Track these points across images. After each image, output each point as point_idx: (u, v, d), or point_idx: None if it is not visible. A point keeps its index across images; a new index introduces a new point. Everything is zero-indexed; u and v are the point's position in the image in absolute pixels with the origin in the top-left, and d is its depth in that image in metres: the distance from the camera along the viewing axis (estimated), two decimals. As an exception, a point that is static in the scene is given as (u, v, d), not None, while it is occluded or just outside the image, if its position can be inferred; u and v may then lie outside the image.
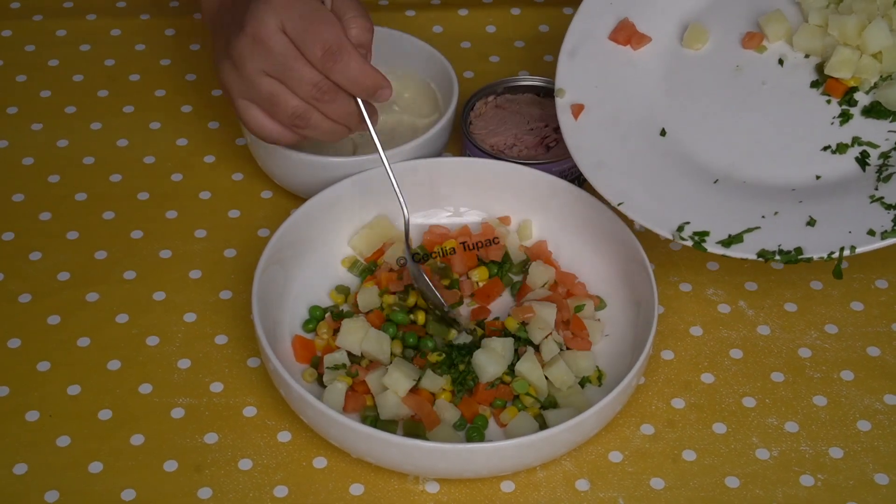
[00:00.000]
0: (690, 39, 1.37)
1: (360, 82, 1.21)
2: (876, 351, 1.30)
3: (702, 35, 1.37)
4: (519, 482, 1.21)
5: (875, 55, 1.31)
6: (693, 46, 1.37)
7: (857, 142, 1.29)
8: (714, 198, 1.27)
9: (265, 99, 1.23)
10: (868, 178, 1.27)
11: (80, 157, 1.44)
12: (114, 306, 1.32)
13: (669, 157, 1.31)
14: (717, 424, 1.24)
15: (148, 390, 1.26)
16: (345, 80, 1.21)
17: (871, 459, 1.22)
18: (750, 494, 1.20)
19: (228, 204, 1.40)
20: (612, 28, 1.37)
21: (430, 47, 1.43)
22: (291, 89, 1.21)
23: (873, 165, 1.27)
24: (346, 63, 1.20)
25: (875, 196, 1.24)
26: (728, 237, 1.24)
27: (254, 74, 1.22)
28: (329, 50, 1.19)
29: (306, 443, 1.23)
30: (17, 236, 1.37)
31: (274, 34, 1.19)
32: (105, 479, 1.20)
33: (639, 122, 1.33)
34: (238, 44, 1.21)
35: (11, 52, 1.55)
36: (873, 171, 1.27)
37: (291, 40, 1.20)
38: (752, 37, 1.36)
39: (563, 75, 1.35)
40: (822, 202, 1.25)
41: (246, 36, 1.20)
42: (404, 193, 1.30)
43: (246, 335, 1.30)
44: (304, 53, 1.20)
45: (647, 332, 1.22)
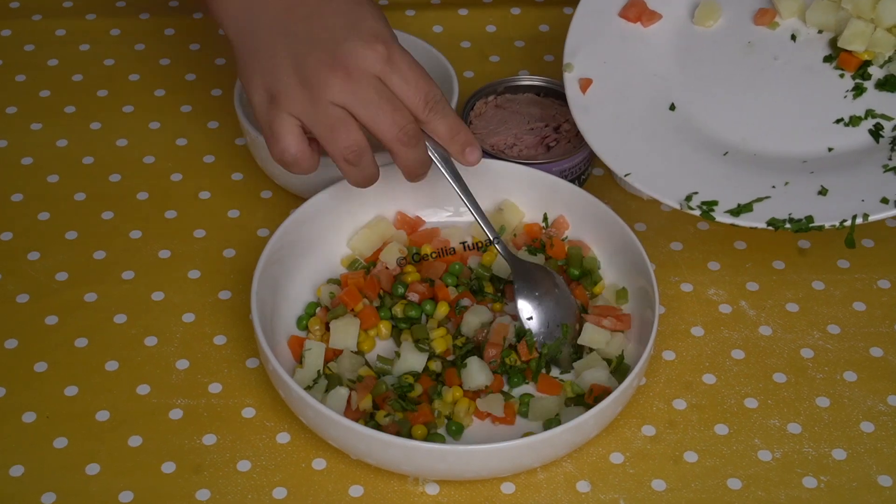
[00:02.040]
0: (702, 16, 1.37)
1: (457, 135, 1.23)
2: (879, 352, 1.29)
3: (713, 12, 1.37)
4: (519, 483, 1.20)
5: (890, 29, 1.31)
6: (705, 24, 1.37)
7: (871, 114, 1.29)
8: (723, 169, 1.27)
9: (328, 125, 1.21)
10: (882, 150, 1.26)
11: (80, 157, 1.44)
12: (112, 306, 1.31)
13: (679, 131, 1.31)
14: (718, 425, 1.24)
15: (146, 391, 1.25)
16: (444, 129, 1.22)
17: (874, 461, 1.22)
18: (752, 496, 1.20)
19: (228, 204, 1.40)
20: (623, 5, 1.37)
21: (430, 47, 1.43)
22: (377, 127, 1.20)
23: (887, 137, 1.27)
24: (446, 114, 1.22)
25: (889, 166, 1.24)
26: (737, 206, 1.23)
27: (328, 102, 1.20)
28: (430, 98, 1.21)
29: (305, 444, 1.22)
30: (15, 236, 1.37)
31: (372, 78, 1.19)
32: (103, 480, 1.20)
33: (648, 97, 1.33)
34: (323, 72, 1.19)
35: (11, 51, 1.55)
36: (887, 142, 1.27)
37: (388, 87, 1.21)
38: (764, 13, 1.36)
39: (571, 50, 1.35)
40: (834, 173, 1.25)
41: (338, 68, 1.19)
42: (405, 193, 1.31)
43: (245, 335, 1.29)
44: (404, 100, 1.21)
45: (648, 333, 1.22)
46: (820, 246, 1.37)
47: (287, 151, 1.21)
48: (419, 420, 1.21)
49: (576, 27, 1.36)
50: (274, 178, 1.39)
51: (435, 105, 1.21)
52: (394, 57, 1.20)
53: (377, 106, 1.20)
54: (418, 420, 1.21)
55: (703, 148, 1.30)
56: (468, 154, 1.24)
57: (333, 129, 1.20)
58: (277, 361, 1.19)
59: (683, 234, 1.38)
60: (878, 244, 1.37)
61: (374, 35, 1.20)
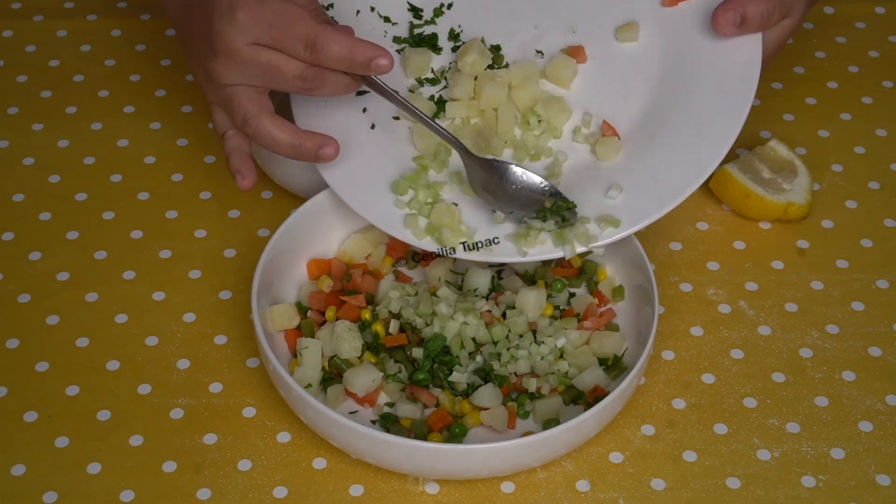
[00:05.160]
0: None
1: (349, 60, 1.21)
2: (877, 351, 1.29)
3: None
4: (519, 483, 1.21)
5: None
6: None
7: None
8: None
9: (224, 102, 1.25)
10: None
11: (81, 157, 1.44)
12: (113, 306, 1.32)
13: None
14: (717, 425, 1.24)
15: (147, 391, 1.26)
16: (333, 63, 1.21)
17: (872, 460, 1.22)
18: (751, 495, 1.20)
19: (228, 204, 1.40)
20: None
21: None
22: (279, 88, 1.23)
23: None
24: (329, 48, 1.20)
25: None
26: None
27: (224, 86, 1.23)
28: (308, 41, 1.20)
29: (306, 443, 1.22)
30: (16, 236, 1.37)
31: (246, 50, 1.21)
32: (104, 479, 1.20)
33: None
34: (212, 64, 1.22)
35: (12, 52, 1.55)
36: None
37: (269, 47, 1.21)
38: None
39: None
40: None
41: (219, 57, 1.22)
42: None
43: (245, 335, 1.29)
44: (288, 53, 1.21)
45: (648, 333, 1.22)
46: (819, 246, 1.37)
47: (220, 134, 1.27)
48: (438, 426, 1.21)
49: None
50: (274, 178, 1.39)
51: (315, 43, 1.20)
52: (258, 17, 1.20)
53: (265, 71, 1.21)
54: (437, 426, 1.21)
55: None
56: (375, 65, 1.21)
57: (227, 107, 1.24)
58: (278, 361, 1.19)
59: (683, 234, 1.38)
60: (877, 244, 1.38)
61: (232, 4, 1.20)
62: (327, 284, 1.29)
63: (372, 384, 1.23)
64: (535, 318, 1.26)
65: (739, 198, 1.37)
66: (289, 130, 1.24)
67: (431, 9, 1.38)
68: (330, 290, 1.29)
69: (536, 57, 1.35)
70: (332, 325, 1.26)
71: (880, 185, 1.43)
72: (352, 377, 1.22)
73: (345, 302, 1.28)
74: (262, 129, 1.23)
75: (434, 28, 1.37)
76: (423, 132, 1.30)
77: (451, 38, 1.37)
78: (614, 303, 1.30)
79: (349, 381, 1.22)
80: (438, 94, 1.34)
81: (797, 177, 1.39)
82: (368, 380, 1.22)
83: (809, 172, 1.40)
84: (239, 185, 1.26)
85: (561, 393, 1.23)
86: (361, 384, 1.22)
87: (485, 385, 1.23)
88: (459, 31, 1.37)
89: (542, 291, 1.27)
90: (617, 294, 1.30)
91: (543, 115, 1.31)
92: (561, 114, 1.31)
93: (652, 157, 1.28)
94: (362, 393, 1.23)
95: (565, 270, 1.31)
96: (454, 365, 1.24)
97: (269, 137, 1.24)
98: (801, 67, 1.53)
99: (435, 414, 1.22)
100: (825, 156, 1.45)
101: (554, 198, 1.25)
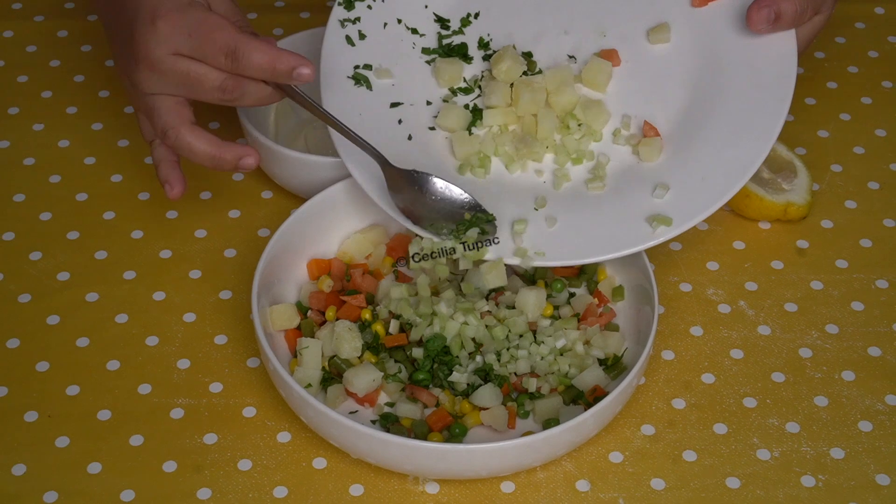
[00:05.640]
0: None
1: (271, 69, 1.20)
2: (877, 351, 1.29)
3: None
4: (519, 483, 1.21)
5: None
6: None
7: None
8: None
9: (146, 112, 1.24)
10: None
11: (81, 158, 1.44)
12: (113, 306, 1.32)
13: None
14: (717, 425, 1.24)
15: (147, 390, 1.26)
16: (254, 72, 1.20)
17: (872, 460, 1.22)
18: (751, 495, 1.20)
19: (228, 204, 1.40)
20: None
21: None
22: (199, 98, 1.23)
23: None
24: (250, 57, 1.20)
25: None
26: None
27: (147, 95, 1.23)
28: (229, 51, 1.19)
29: (306, 443, 1.23)
30: (17, 236, 1.37)
31: (166, 60, 1.20)
32: (104, 479, 1.20)
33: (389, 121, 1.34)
34: (135, 73, 1.22)
35: (13, 52, 1.55)
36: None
37: (190, 57, 1.21)
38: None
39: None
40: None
41: (140, 66, 1.21)
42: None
43: (246, 335, 1.30)
44: (209, 63, 1.21)
45: (648, 333, 1.22)
46: (819, 246, 1.38)
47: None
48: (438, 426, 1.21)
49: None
50: (274, 178, 1.39)
51: (236, 51, 1.19)
52: (178, 27, 1.20)
53: (185, 81, 1.21)
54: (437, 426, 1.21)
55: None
56: (297, 74, 1.20)
57: (149, 117, 1.24)
58: (278, 361, 1.19)
59: (682, 234, 1.38)
60: (877, 244, 1.38)
61: (153, 13, 1.20)
62: (327, 284, 1.29)
63: (372, 384, 1.23)
64: (535, 318, 1.26)
65: (739, 198, 1.37)
66: (208, 142, 1.23)
67: (458, 19, 1.38)
68: (330, 290, 1.29)
69: (569, 62, 1.35)
70: (333, 325, 1.26)
71: (880, 185, 1.43)
72: (352, 377, 1.23)
73: (345, 302, 1.28)
74: (181, 140, 1.23)
75: (462, 38, 1.37)
76: (463, 140, 1.31)
77: (480, 47, 1.37)
78: (614, 303, 1.30)
79: (349, 381, 1.23)
80: (473, 102, 1.34)
81: (797, 177, 1.39)
82: (368, 380, 1.23)
83: (809, 172, 1.40)
84: (168, 194, 1.26)
85: (561, 393, 1.23)
86: (361, 384, 1.22)
87: (485, 385, 1.23)
88: (489, 40, 1.37)
89: (541, 291, 1.27)
90: (617, 294, 1.30)
91: (582, 118, 1.32)
92: (600, 116, 1.32)
93: (695, 155, 1.28)
94: (362, 393, 1.23)
95: (565, 270, 1.31)
96: (454, 365, 1.24)
97: (188, 148, 1.23)
98: (801, 68, 1.53)
99: (435, 414, 1.22)
100: (825, 156, 1.45)
101: (474, 210, 1.25)
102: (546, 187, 1.30)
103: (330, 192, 1.32)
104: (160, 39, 1.20)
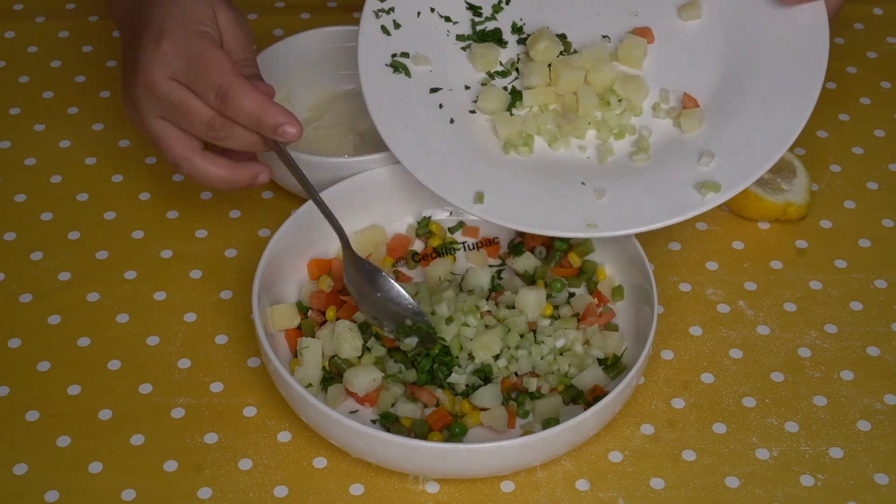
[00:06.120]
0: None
1: (256, 120, 1.20)
2: (876, 351, 1.30)
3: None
4: (519, 482, 1.21)
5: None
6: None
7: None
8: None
9: (154, 141, 1.24)
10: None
11: (82, 158, 1.45)
12: (114, 306, 1.32)
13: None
14: (716, 424, 1.24)
15: (148, 390, 1.26)
16: (241, 118, 1.20)
17: (870, 459, 1.22)
18: (750, 494, 1.20)
19: (229, 204, 1.40)
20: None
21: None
22: (188, 129, 1.22)
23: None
24: (240, 102, 1.19)
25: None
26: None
27: (147, 118, 1.23)
28: (220, 90, 1.19)
29: (306, 443, 1.23)
30: (18, 236, 1.38)
31: (163, 83, 1.20)
32: (105, 479, 1.20)
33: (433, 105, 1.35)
34: (133, 92, 1.22)
35: (14, 53, 1.55)
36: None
37: (186, 86, 1.20)
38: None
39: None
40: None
41: (138, 84, 1.21)
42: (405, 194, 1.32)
43: (246, 335, 1.30)
44: (201, 97, 1.20)
45: (647, 332, 1.22)
46: (818, 246, 1.38)
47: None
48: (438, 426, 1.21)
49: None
50: (274, 178, 1.39)
51: (227, 94, 1.19)
52: (180, 52, 1.19)
53: (176, 110, 1.20)
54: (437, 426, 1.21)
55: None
56: (282, 131, 1.20)
57: (159, 144, 1.23)
58: (278, 361, 1.19)
59: (682, 234, 1.38)
60: (875, 244, 1.38)
61: (160, 32, 1.20)
62: (328, 284, 1.30)
63: (372, 384, 1.23)
64: (535, 318, 1.27)
65: (738, 198, 1.37)
66: (223, 167, 1.23)
67: (490, 5, 1.39)
68: (330, 289, 1.30)
69: (604, 41, 1.37)
70: (333, 324, 1.26)
71: (879, 185, 1.43)
72: (352, 377, 1.23)
73: (345, 302, 1.28)
74: (195, 169, 1.23)
75: (495, 24, 1.39)
76: (506, 121, 1.32)
77: (514, 32, 1.38)
78: (614, 303, 1.30)
79: (349, 381, 1.23)
80: (511, 85, 1.35)
81: (796, 177, 1.40)
82: (368, 380, 1.23)
83: (808, 173, 1.40)
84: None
85: (561, 392, 1.24)
86: (361, 384, 1.23)
87: (485, 385, 1.23)
88: (522, 24, 1.39)
89: (541, 291, 1.27)
90: (616, 294, 1.30)
91: (622, 93, 1.34)
92: (639, 91, 1.34)
93: (736, 123, 1.31)
94: (362, 393, 1.23)
95: (565, 270, 1.31)
96: (454, 366, 1.24)
97: (203, 176, 1.23)
98: (841, 38, 1.54)
99: (435, 413, 1.22)
100: (824, 156, 1.46)
101: (417, 318, 1.24)
102: (591, 162, 1.32)
103: (330, 192, 1.32)
104: (161, 60, 1.20)
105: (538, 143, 1.33)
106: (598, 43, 1.37)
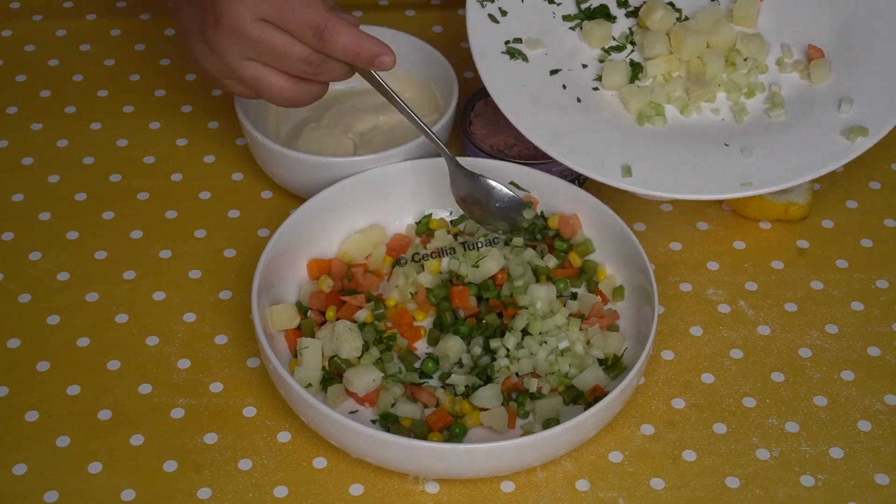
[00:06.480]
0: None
1: (355, 53, 1.21)
2: (876, 351, 1.30)
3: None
4: (519, 482, 1.21)
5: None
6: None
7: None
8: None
9: (250, 84, 1.23)
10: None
11: (80, 157, 1.44)
12: (113, 306, 1.32)
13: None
14: (717, 424, 1.24)
15: (148, 390, 1.26)
16: (338, 53, 1.21)
17: (871, 460, 1.22)
18: (750, 495, 1.20)
19: (228, 204, 1.40)
20: None
21: (430, 47, 1.43)
22: (283, 68, 1.21)
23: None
24: (336, 39, 1.20)
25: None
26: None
27: (236, 62, 1.21)
28: (317, 29, 1.19)
29: (306, 443, 1.23)
30: (16, 236, 1.37)
31: (253, 26, 1.19)
32: (105, 479, 1.20)
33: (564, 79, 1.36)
34: (216, 37, 1.20)
35: (11, 51, 1.55)
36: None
37: (277, 26, 1.20)
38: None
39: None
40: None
41: (223, 29, 1.20)
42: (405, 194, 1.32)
43: (246, 335, 1.30)
44: (296, 36, 1.20)
45: (648, 332, 1.22)
46: (819, 246, 1.38)
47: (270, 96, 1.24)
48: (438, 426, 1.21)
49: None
50: (274, 178, 1.39)
51: (324, 32, 1.19)
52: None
53: (270, 50, 1.20)
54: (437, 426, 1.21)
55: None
56: (379, 62, 1.22)
57: (256, 85, 1.22)
58: (278, 361, 1.19)
59: (683, 234, 1.38)
60: (877, 244, 1.38)
61: None
62: (327, 284, 1.29)
63: (372, 384, 1.23)
64: (545, 313, 1.26)
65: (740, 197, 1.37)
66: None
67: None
68: (330, 289, 1.29)
69: (714, 3, 1.39)
70: (333, 325, 1.26)
71: (881, 185, 1.43)
72: (352, 377, 1.23)
73: (345, 302, 1.28)
74: (273, 93, 1.22)
75: (600, 0, 1.40)
76: (634, 93, 1.33)
77: (619, 6, 1.40)
78: (614, 303, 1.30)
79: (349, 381, 1.23)
80: (628, 58, 1.37)
81: (797, 177, 1.40)
82: (368, 380, 1.23)
83: (808, 172, 1.40)
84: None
85: (561, 393, 1.24)
86: (361, 384, 1.23)
87: (485, 385, 1.23)
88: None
89: (552, 287, 1.27)
90: (617, 294, 1.30)
91: (746, 52, 1.35)
92: (762, 48, 1.36)
93: (866, 68, 1.32)
94: (362, 393, 1.23)
95: (565, 271, 1.31)
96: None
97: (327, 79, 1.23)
98: None
99: (435, 414, 1.22)
100: (824, 156, 1.46)
101: (530, 213, 1.29)
102: (728, 123, 1.33)
103: (330, 192, 1.32)
104: (245, 3, 1.19)
105: (669, 110, 1.34)
106: (710, 6, 1.38)
